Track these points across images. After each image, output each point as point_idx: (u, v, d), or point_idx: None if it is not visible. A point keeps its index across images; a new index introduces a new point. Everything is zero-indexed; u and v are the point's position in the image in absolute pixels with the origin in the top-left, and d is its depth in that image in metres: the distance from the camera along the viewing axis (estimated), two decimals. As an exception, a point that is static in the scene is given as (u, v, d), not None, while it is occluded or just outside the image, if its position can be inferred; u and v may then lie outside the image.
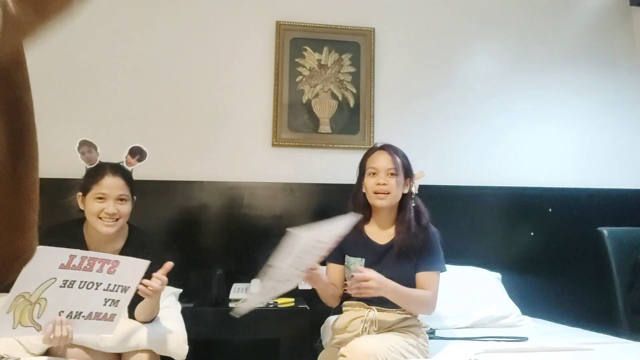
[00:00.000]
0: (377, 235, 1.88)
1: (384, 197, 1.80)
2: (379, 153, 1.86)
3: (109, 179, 1.76)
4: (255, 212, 2.65)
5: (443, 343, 1.98)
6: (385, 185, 1.79)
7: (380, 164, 1.82)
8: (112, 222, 1.75)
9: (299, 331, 2.22)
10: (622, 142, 3.05)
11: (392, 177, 1.80)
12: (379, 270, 1.78)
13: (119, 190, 1.76)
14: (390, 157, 1.83)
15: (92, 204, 1.75)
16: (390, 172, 1.80)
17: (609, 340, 1.99)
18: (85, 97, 2.63)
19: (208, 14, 2.77)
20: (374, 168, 1.82)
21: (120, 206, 1.77)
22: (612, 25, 3.12)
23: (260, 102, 2.76)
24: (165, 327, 1.80)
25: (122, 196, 1.77)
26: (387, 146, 1.88)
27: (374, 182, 1.81)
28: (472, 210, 2.79)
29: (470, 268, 2.58)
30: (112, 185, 1.75)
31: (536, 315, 2.51)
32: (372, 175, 1.82)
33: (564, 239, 2.84)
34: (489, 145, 2.92)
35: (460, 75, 2.95)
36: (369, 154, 1.89)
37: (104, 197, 1.75)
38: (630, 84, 3.09)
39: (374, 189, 1.81)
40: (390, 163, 1.81)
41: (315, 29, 2.84)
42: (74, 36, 2.65)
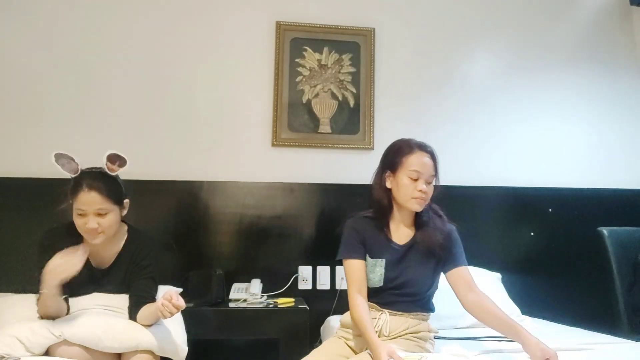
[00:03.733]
0: (397, 235, 1.82)
1: (422, 203, 1.75)
2: (422, 155, 1.76)
3: (84, 195, 1.71)
4: (255, 212, 2.65)
5: (443, 343, 1.97)
6: (426, 193, 1.74)
7: (425, 169, 1.74)
8: (95, 236, 1.74)
9: (299, 331, 2.22)
10: (622, 142, 3.05)
11: (430, 184, 1.76)
12: (401, 270, 1.76)
13: (95, 205, 1.72)
14: (433, 162, 1.77)
15: (75, 218, 1.74)
16: (430, 179, 1.76)
17: (609, 340, 1.99)
18: (84, 98, 2.63)
19: (208, 14, 2.77)
20: (417, 172, 1.73)
21: (102, 219, 1.73)
22: (612, 25, 3.12)
23: (260, 102, 2.76)
24: (165, 328, 1.79)
25: (100, 210, 1.72)
26: (427, 147, 1.80)
27: (414, 187, 1.73)
28: (472, 210, 2.79)
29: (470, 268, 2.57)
30: (88, 201, 1.71)
31: (536, 315, 2.51)
32: (412, 178, 1.73)
33: (564, 239, 2.83)
34: (489, 145, 2.92)
35: (460, 75, 2.95)
36: (406, 151, 1.78)
37: (82, 212, 1.72)
38: (630, 84, 3.09)
39: (414, 194, 1.73)
40: (433, 169, 1.76)
41: (315, 29, 2.84)
42: (74, 36, 2.66)
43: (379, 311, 1.76)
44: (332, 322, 2.32)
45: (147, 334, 1.72)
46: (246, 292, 2.38)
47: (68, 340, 1.63)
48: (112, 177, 1.80)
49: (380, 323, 1.72)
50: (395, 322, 1.73)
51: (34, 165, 2.51)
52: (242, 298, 2.35)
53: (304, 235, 2.66)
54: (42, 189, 2.46)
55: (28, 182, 2.48)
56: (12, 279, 2.31)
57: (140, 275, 1.82)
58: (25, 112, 2.59)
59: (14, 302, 1.97)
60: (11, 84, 2.59)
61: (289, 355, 2.17)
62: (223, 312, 2.25)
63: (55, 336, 1.62)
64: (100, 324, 1.69)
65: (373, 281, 1.77)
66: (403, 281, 1.75)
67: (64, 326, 1.65)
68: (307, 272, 2.62)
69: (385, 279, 1.76)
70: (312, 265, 2.63)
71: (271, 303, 2.35)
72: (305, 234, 2.66)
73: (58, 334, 1.62)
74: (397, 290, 1.76)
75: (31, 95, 2.60)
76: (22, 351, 1.59)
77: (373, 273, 1.77)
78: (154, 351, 1.71)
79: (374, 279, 1.77)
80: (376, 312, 1.76)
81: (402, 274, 1.76)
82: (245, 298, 2.35)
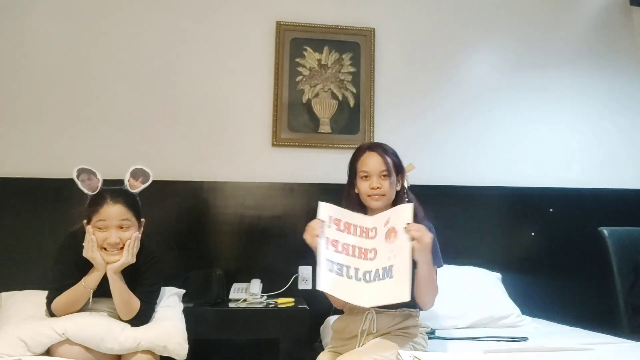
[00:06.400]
0: None
1: (379, 199, 1.78)
2: (369, 155, 1.81)
3: (107, 207, 1.71)
4: (255, 212, 2.65)
5: (443, 343, 1.97)
6: (380, 189, 1.76)
7: (372, 167, 1.78)
8: (116, 252, 1.73)
9: (298, 331, 2.22)
10: (623, 141, 3.05)
11: (385, 178, 1.77)
12: None
13: (119, 217, 1.72)
14: (382, 158, 1.79)
15: (95, 233, 1.72)
16: (383, 174, 1.77)
17: (609, 340, 1.98)
18: (85, 98, 2.63)
19: (208, 14, 2.77)
20: (366, 172, 1.78)
21: (123, 233, 1.73)
22: (613, 26, 3.12)
23: (260, 102, 2.76)
24: (165, 327, 1.80)
25: (123, 223, 1.73)
26: (375, 146, 1.84)
27: (368, 186, 1.77)
28: (472, 210, 2.79)
29: (470, 268, 2.58)
30: (112, 213, 1.71)
31: (536, 315, 2.51)
32: (364, 178, 1.78)
33: (565, 239, 2.83)
34: (489, 145, 2.92)
35: (460, 75, 2.95)
36: (359, 155, 1.84)
37: (104, 225, 1.71)
38: (630, 84, 3.09)
39: (368, 192, 1.77)
40: (382, 165, 1.78)
41: (315, 29, 2.84)
42: (75, 37, 2.66)
43: (366, 310, 1.75)
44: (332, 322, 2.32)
45: (147, 334, 1.72)
46: (246, 292, 2.38)
47: (70, 339, 1.64)
48: (133, 195, 1.80)
49: (367, 322, 1.72)
50: (383, 320, 1.73)
51: (34, 165, 2.51)
52: (242, 298, 2.35)
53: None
54: (42, 189, 2.46)
55: (28, 182, 2.48)
56: (12, 278, 2.31)
57: (143, 284, 1.83)
58: (25, 112, 2.59)
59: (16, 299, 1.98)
60: (11, 84, 2.59)
61: (289, 355, 2.17)
62: (223, 312, 2.25)
63: (59, 334, 1.63)
64: (103, 324, 1.70)
65: None
66: None
67: (68, 324, 1.66)
68: (307, 272, 2.62)
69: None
70: (312, 265, 2.63)
71: (271, 303, 2.35)
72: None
73: (61, 332, 1.63)
74: None
75: (31, 96, 2.60)
76: (23, 350, 1.59)
77: None
78: (153, 351, 1.72)
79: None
80: (362, 311, 1.75)
81: None
82: (245, 298, 2.35)
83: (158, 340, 1.72)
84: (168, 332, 1.77)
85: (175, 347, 1.75)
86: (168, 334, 1.76)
